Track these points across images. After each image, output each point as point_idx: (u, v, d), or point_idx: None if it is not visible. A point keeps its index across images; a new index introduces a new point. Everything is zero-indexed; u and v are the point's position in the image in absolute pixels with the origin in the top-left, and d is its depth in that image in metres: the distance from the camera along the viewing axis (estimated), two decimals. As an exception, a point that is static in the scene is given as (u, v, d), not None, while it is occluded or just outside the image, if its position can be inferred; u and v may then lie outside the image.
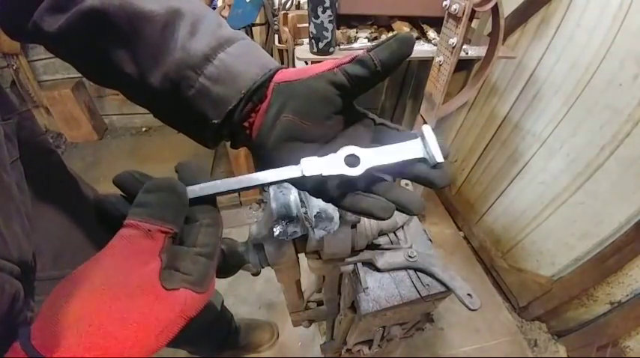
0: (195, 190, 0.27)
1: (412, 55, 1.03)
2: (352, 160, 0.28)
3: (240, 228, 1.86)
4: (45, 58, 2.22)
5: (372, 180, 0.30)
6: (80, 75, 0.37)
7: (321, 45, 0.99)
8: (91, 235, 0.51)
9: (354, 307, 0.72)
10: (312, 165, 0.28)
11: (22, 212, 0.36)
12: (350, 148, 0.29)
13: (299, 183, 0.31)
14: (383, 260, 0.66)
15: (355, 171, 0.28)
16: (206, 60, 0.30)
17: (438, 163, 0.28)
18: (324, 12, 0.91)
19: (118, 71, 0.31)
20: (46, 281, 0.42)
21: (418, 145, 0.29)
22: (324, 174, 0.28)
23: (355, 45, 1.07)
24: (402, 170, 0.30)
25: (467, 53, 1.05)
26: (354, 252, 0.65)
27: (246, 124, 0.32)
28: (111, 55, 0.31)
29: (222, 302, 1.10)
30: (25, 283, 0.31)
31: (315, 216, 0.50)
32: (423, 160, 0.29)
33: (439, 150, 0.28)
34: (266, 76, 0.31)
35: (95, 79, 0.35)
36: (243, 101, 0.31)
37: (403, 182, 0.85)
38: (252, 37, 1.52)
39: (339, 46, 1.05)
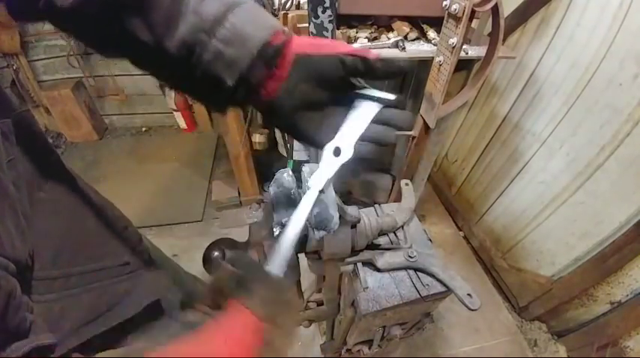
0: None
1: (412, 55, 1.02)
2: (338, 150, 0.35)
3: (240, 228, 1.86)
4: (45, 58, 2.22)
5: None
6: (80, 75, 0.37)
7: (321, 45, 0.99)
8: (90, 235, 0.51)
9: (354, 307, 0.72)
10: (318, 178, 0.34)
11: (17, 211, 0.36)
12: (331, 144, 0.35)
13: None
14: (383, 260, 0.66)
15: (347, 156, 0.34)
16: (217, 23, 0.31)
17: (392, 99, 0.36)
18: (324, 12, 0.91)
19: (133, 40, 0.31)
20: (45, 281, 0.42)
21: (370, 104, 0.36)
22: (329, 177, 0.34)
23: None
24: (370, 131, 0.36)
25: (467, 53, 1.05)
26: (354, 252, 0.65)
27: (262, 88, 0.34)
28: (125, 24, 0.31)
29: None
30: (22, 282, 0.31)
31: (315, 216, 0.50)
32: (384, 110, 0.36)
33: (386, 94, 0.36)
34: (279, 41, 0.33)
35: (108, 51, 0.36)
36: (255, 63, 0.32)
37: (403, 182, 0.85)
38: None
39: (339, 46, 1.05)
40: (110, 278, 0.53)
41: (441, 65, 0.95)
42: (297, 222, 0.33)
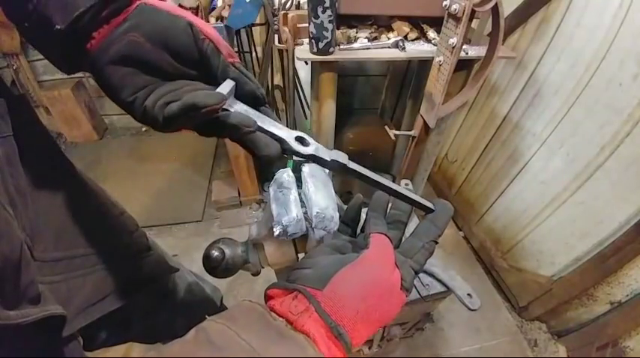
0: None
1: (412, 55, 1.02)
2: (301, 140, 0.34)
3: (240, 228, 1.86)
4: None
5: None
6: (81, 75, 0.36)
7: (321, 45, 0.99)
8: (89, 219, 0.52)
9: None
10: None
11: (8, 183, 0.36)
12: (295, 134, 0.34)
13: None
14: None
15: (308, 150, 0.33)
16: None
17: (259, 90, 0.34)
18: (324, 12, 0.91)
19: None
20: (49, 263, 0.42)
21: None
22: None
23: (355, 45, 1.07)
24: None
25: (467, 53, 1.05)
26: (354, 251, 0.65)
27: (93, 36, 0.30)
28: None
29: (222, 298, 1.11)
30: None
31: (315, 215, 0.50)
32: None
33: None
34: None
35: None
36: (95, 8, 0.28)
37: (403, 182, 0.85)
38: (252, 37, 1.52)
39: (338, 46, 1.05)
40: (113, 261, 0.54)
41: (441, 65, 0.95)
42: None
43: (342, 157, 0.34)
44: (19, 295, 0.30)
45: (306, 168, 0.58)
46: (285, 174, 0.59)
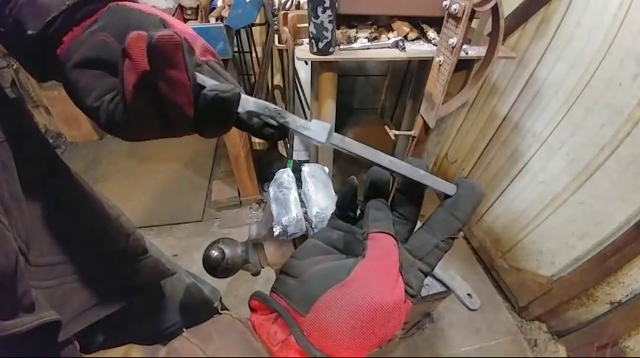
0: None
1: (412, 55, 1.02)
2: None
3: (240, 228, 1.86)
4: (45, 58, 2.22)
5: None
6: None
7: (321, 45, 0.99)
8: (85, 222, 0.52)
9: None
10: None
11: (2, 188, 0.35)
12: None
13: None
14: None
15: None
16: None
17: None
18: (324, 12, 0.91)
19: None
20: (44, 268, 0.42)
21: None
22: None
23: (355, 45, 1.07)
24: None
25: (467, 53, 1.05)
26: (354, 251, 0.65)
27: (63, 40, 0.29)
28: None
29: (221, 298, 1.10)
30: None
31: (315, 215, 0.50)
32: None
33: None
34: None
35: None
36: (66, 12, 0.28)
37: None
38: (252, 37, 1.52)
39: (339, 46, 1.05)
40: (110, 264, 0.54)
41: (441, 65, 0.95)
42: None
43: (321, 132, 0.28)
44: (15, 305, 0.29)
45: (306, 168, 0.58)
46: (285, 174, 0.59)
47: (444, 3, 0.86)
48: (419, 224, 0.33)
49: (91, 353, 0.59)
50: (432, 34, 1.11)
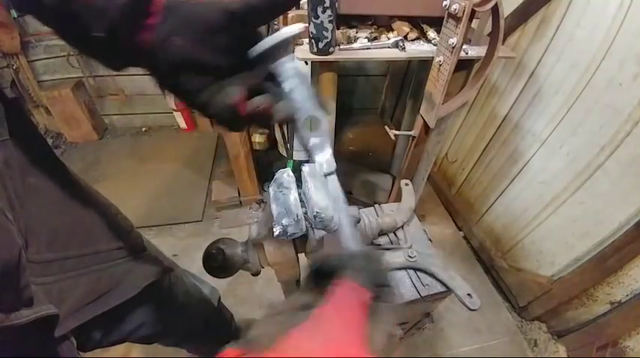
0: None
1: (412, 55, 1.02)
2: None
3: (240, 228, 1.86)
4: (45, 58, 2.22)
5: None
6: (80, 75, 0.37)
7: (321, 45, 0.99)
8: (82, 220, 0.52)
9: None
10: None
11: (8, 187, 0.36)
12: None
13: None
14: (383, 260, 0.66)
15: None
16: None
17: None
18: (324, 12, 0.91)
19: None
20: (41, 264, 0.43)
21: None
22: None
23: (355, 45, 1.07)
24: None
25: (467, 53, 1.05)
26: (354, 251, 0.65)
27: (140, 41, 0.31)
28: None
29: (220, 298, 1.10)
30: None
31: (315, 215, 0.50)
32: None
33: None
34: None
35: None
36: (125, 11, 0.29)
37: (403, 182, 0.85)
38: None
39: (338, 46, 1.05)
40: (107, 262, 0.54)
41: (441, 65, 0.95)
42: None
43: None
44: (16, 298, 0.30)
45: (306, 168, 0.58)
46: (285, 174, 0.59)
47: (444, 3, 0.86)
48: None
49: (89, 350, 0.59)
50: (432, 34, 1.11)
